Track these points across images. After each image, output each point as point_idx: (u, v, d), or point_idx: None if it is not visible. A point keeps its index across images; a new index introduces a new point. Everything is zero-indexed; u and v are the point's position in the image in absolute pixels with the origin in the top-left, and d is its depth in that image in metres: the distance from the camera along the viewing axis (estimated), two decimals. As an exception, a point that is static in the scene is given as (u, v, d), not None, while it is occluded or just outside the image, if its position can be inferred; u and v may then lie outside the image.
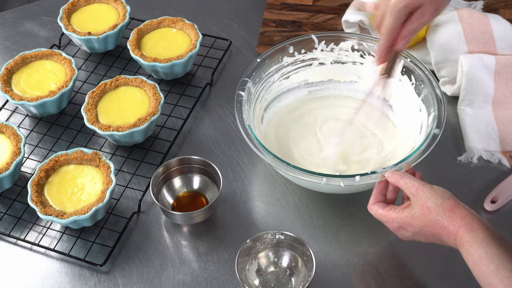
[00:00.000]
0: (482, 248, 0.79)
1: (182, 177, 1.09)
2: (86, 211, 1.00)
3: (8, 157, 1.09)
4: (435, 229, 0.85)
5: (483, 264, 0.78)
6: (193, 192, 1.09)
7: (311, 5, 1.43)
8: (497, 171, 1.12)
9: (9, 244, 1.06)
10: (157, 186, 1.06)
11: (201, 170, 1.09)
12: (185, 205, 1.08)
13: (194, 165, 1.08)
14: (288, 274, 0.98)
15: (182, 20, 1.30)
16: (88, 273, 1.01)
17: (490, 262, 0.78)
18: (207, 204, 1.07)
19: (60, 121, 1.23)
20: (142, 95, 1.18)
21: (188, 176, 1.09)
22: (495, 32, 1.23)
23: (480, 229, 0.81)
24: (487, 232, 0.81)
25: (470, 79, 1.18)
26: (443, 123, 1.02)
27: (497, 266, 0.77)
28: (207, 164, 1.07)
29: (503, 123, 1.17)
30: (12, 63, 1.22)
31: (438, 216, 0.84)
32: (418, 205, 0.86)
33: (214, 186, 1.08)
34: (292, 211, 1.08)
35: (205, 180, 1.09)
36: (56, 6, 1.40)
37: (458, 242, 0.82)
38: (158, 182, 1.06)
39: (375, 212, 0.93)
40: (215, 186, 1.07)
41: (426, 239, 0.88)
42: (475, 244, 0.80)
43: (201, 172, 1.09)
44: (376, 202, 0.93)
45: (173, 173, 1.09)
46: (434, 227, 0.85)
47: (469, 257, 0.80)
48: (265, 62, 1.14)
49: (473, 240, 0.80)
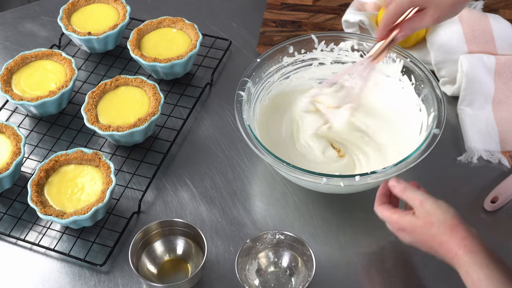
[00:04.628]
0: (481, 270, 0.79)
1: (164, 241, 1.01)
2: (86, 211, 1.00)
3: (8, 157, 1.09)
4: (434, 243, 0.85)
5: (482, 286, 0.78)
6: (176, 257, 1.01)
7: (311, 5, 1.43)
8: (497, 171, 1.12)
9: (9, 244, 1.06)
10: (137, 253, 0.98)
11: (184, 232, 1.00)
12: (168, 271, 1.00)
13: (176, 227, 1.00)
14: (288, 274, 0.98)
15: (182, 20, 1.30)
16: (88, 273, 1.01)
17: (489, 283, 0.77)
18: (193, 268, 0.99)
19: (60, 121, 1.23)
20: (142, 95, 1.18)
21: (170, 239, 1.01)
22: (495, 32, 1.23)
23: (480, 251, 0.81)
24: (486, 253, 0.80)
25: (470, 79, 1.18)
26: (443, 123, 1.02)
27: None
28: (190, 227, 0.99)
29: (503, 123, 1.17)
30: (12, 63, 1.22)
31: (438, 232, 0.84)
32: (421, 217, 0.86)
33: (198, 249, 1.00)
34: (292, 211, 1.08)
35: (189, 243, 1.01)
36: (56, 6, 1.40)
37: (456, 262, 0.82)
38: (137, 249, 0.98)
39: (380, 213, 0.93)
40: (199, 250, 0.99)
41: (424, 249, 0.88)
42: (475, 266, 0.79)
43: (184, 235, 1.01)
44: (382, 203, 0.93)
45: (153, 237, 1.00)
46: (433, 242, 0.85)
47: (468, 278, 0.80)
48: (265, 62, 1.14)
49: (473, 262, 0.80)
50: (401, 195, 0.90)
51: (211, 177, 1.13)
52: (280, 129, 1.15)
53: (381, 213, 0.92)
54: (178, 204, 1.10)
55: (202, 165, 1.15)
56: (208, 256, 1.00)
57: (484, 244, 0.82)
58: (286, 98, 1.19)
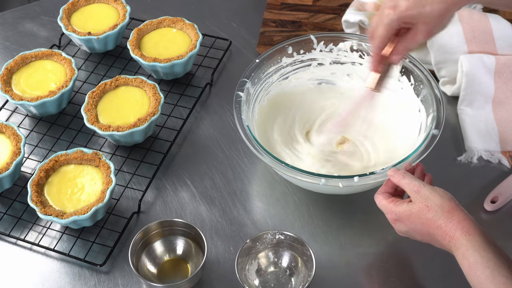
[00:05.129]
0: (478, 253, 0.79)
1: (164, 241, 1.01)
2: (86, 211, 1.00)
3: (8, 157, 1.09)
4: (430, 228, 0.85)
5: (478, 268, 0.78)
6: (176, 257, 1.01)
7: (311, 5, 1.43)
8: (497, 171, 1.12)
9: (9, 244, 1.06)
10: (137, 253, 0.98)
11: (184, 232, 1.00)
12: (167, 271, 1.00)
13: (176, 227, 1.00)
14: (288, 274, 0.98)
15: (182, 20, 1.30)
16: (88, 273, 1.01)
17: (485, 267, 0.78)
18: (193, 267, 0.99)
19: (60, 121, 1.23)
20: (142, 95, 1.18)
21: (170, 239, 1.01)
22: (495, 32, 1.23)
23: (477, 234, 0.81)
24: (484, 237, 0.81)
25: (470, 79, 1.18)
26: (442, 124, 1.02)
27: (492, 272, 0.77)
28: (190, 227, 0.99)
29: (503, 123, 1.17)
30: (12, 63, 1.22)
31: (436, 216, 0.84)
32: (418, 202, 0.86)
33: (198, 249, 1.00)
34: (292, 211, 1.08)
35: (189, 243, 1.01)
36: (56, 6, 1.40)
37: (453, 245, 0.82)
38: (137, 249, 0.98)
39: (378, 202, 0.93)
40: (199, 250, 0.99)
41: (420, 237, 0.88)
42: (471, 248, 0.80)
43: (184, 235, 1.00)
44: (383, 192, 0.94)
45: (153, 237, 1.00)
46: (430, 226, 0.85)
47: (464, 261, 0.80)
48: (264, 62, 1.14)
49: (470, 244, 0.80)
50: (399, 183, 0.90)
51: (211, 177, 1.13)
52: (279, 129, 1.15)
53: (379, 202, 0.93)
54: (178, 204, 1.10)
55: (202, 165, 1.15)
56: (208, 256, 1.01)
57: (481, 228, 0.82)
58: (285, 99, 1.19)
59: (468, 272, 0.80)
